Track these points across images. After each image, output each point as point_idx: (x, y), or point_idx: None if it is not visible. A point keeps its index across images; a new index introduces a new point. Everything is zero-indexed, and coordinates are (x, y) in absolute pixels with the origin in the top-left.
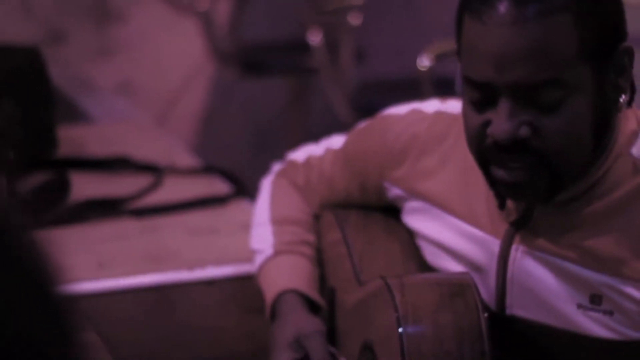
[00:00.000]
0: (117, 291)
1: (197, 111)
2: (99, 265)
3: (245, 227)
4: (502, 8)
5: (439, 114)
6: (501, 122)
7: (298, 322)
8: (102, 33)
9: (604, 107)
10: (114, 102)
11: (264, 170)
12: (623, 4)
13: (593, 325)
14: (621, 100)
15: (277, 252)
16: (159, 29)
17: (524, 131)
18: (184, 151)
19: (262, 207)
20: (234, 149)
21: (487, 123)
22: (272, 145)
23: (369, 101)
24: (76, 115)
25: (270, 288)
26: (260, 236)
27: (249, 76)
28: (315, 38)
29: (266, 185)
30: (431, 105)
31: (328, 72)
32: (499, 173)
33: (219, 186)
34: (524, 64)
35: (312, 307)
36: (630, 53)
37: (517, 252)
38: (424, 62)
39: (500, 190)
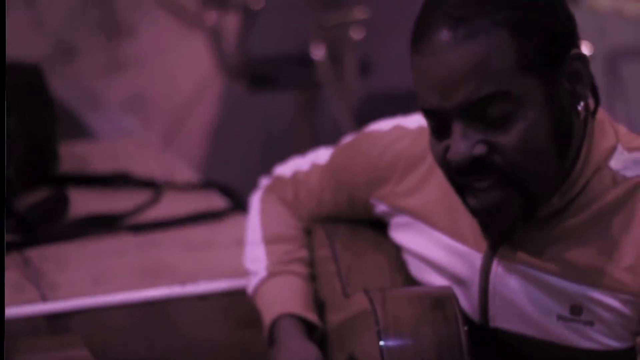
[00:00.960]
0: (111, 306)
1: (206, 125)
2: (93, 280)
3: (241, 241)
4: (436, 35)
5: (421, 130)
6: (455, 144)
7: (296, 351)
8: (112, 48)
9: (562, 116)
10: (120, 118)
11: None
12: (569, 11)
13: (574, 336)
14: (579, 107)
15: (271, 274)
16: (168, 44)
17: (479, 149)
18: (185, 166)
19: (254, 225)
20: (243, 162)
21: (447, 149)
22: (281, 158)
23: (373, 114)
24: (82, 131)
25: (267, 312)
26: (253, 257)
27: (257, 90)
28: (318, 52)
29: (255, 202)
30: (414, 121)
31: (333, 85)
32: (473, 201)
33: (217, 201)
34: (465, 83)
35: (309, 326)
36: (582, 59)
37: (498, 266)
38: None
39: (480, 218)
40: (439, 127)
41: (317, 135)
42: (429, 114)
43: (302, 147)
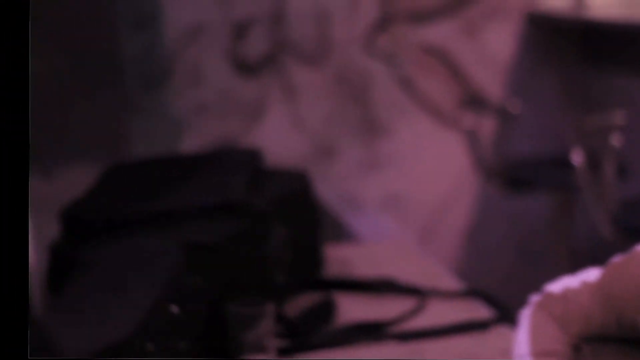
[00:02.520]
0: None
1: (462, 224)
2: None
3: (506, 354)
4: None
5: None
6: None
7: None
8: (370, 147)
9: None
10: (379, 219)
11: (527, 285)
12: None
13: None
14: None
15: None
16: (425, 144)
17: None
18: (446, 273)
19: (522, 339)
20: (497, 263)
21: None
22: (535, 260)
23: (633, 221)
24: (343, 233)
25: None
26: None
27: (513, 191)
28: (577, 157)
29: (525, 317)
30: None
31: (590, 190)
32: None
33: (481, 310)
34: None
35: None
36: None
37: None
38: None
39: None
40: None
41: (573, 238)
42: None
43: (558, 250)
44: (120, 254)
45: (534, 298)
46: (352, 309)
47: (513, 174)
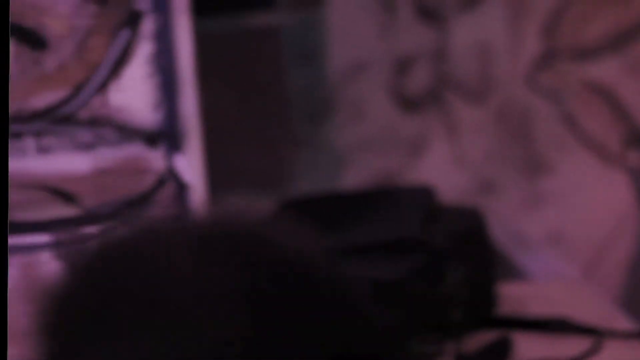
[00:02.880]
0: None
1: (626, 263)
2: None
3: None
4: None
5: None
6: None
7: None
8: (532, 184)
9: None
10: (547, 257)
11: None
12: None
13: None
14: None
15: None
16: (588, 181)
17: None
18: (619, 313)
19: None
20: None
21: None
22: None
23: None
24: (511, 270)
25: None
26: None
27: None
28: None
29: None
30: None
31: None
32: None
33: None
34: None
35: None
36: None
37: None
38: None
39: None
40: None
41: None
42: None
43: None
44: None
45: None
46: (527, 347)
47: None
